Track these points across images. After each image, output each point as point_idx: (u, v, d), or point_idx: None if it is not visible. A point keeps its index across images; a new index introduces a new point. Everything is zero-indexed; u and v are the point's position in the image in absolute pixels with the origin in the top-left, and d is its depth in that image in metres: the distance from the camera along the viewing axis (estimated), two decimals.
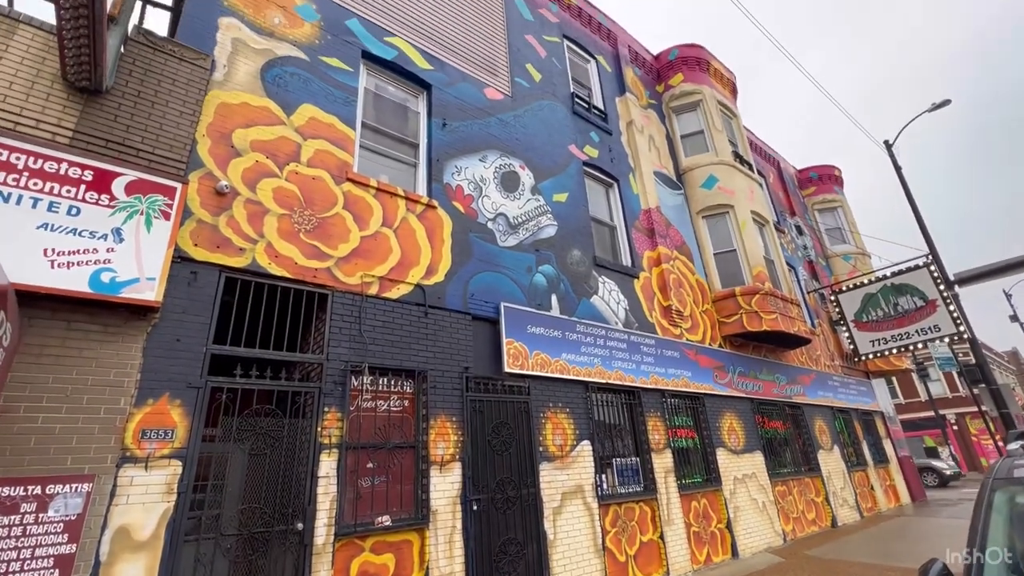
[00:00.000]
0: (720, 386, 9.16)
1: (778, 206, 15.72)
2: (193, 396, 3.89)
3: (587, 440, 6.52)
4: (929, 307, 12.45)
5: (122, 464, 3.48)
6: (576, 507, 6.03)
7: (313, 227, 5.05)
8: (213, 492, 3.82)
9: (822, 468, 10.93)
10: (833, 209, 17.79)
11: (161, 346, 3.87)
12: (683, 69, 12.38)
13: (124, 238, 3.76)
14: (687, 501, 7.53)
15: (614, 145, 9.94)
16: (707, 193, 11.08)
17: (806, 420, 11.27)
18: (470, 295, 6.10)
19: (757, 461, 9.25)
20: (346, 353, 4.84)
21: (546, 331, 6.63)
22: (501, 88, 8.07)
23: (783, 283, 11.13)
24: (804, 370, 11.98)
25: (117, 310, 3.73)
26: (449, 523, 4.91)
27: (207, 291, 4.22)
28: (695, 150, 11.73)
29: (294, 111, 5.38)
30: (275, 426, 4.24)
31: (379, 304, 5.26)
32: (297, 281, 4.77)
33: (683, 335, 8.99)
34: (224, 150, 4.73)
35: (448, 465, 5.12)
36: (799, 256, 15.16)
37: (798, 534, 9.44)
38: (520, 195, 7.41)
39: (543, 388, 6.36)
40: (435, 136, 6.69)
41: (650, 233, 9.52)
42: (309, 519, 4.10)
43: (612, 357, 7.38)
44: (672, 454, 7.62)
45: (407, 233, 5.79)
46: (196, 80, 4.71)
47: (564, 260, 7.54)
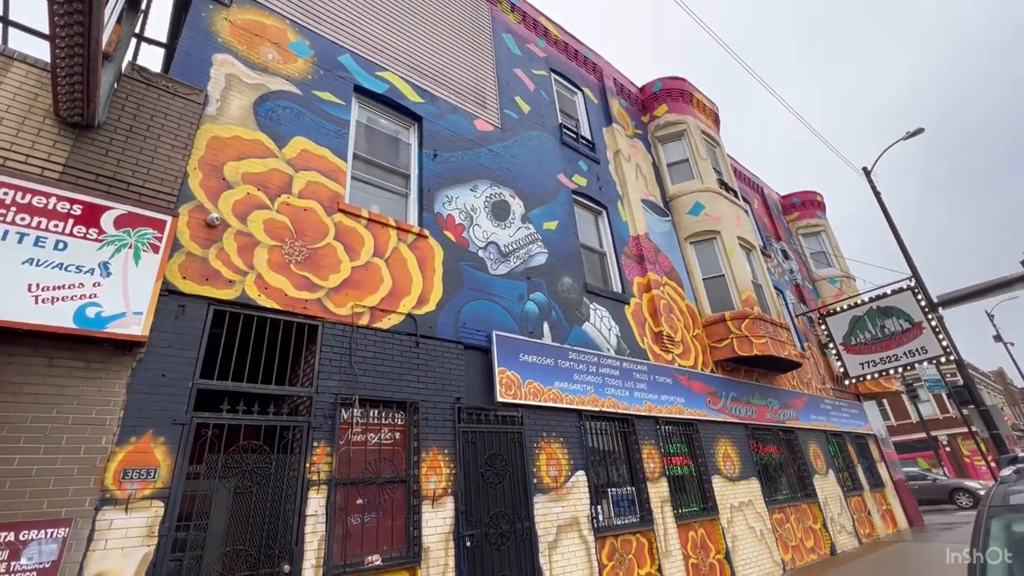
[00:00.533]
0: (714, 412, 9.12)
1: (764, 231, 16.02)
2: (178, 433, 3.78)
3: (582, 470, 6.42)
4: (915, 329, 12.62)
5: (101, 506, 3.35)
6: (572, 540, 5.89)
7: (304, 258, 5.03)
8: (196, 533, 3.68)
9: (818, 494, 10.83)
10: (817, 233, 18.16)
11: (146, 382, 3.78)
12: (667, 100, 12.77)
13: (111, 272, 3.72)
14: (684, 531, 7.39)
15: (602, 173, 10.13)
16: (694, 219, 11.28)
17: (800, 445, 11.22)
18: (462, 324, 6.07)
19: (753, 488, 9.14)
20: (336, 385, 4.76)
21: (538, 359, 6.60)
22: (491, 120, 8.24)
23: (772, 307, 11.24)
24: (796, 394, 11.99)
25: (101, 345, 3.65)
26: (442, 561, 4.76)
27: (195, 324, 4.16)
28: (681, 178, 11.99)
29: (286, 144, 5.43)
30: (262, 463, 4.12)
31: (370, 335, 5.21)
32: (287, 313, 4.73)
33: (675, 361, 8.99)
34: (215, 183, 4.74)
35: (440, 500, 4.99)
36: (786, 280, 15.37)
37: (797, 563, 9.26)
38: (511, 223, 7.48)
39: (536, 418, 6.29)
40: (426, 167, 6.77)
41: (639, 259, 9.62)
42: (296, 560, 3.95)
43: (605, 384, 7.34)
44: (668, 483, 7.51)
45: (398, 263, 5.79)
46: (189, 114, 4.75)
47: (555, 287, 7.57)
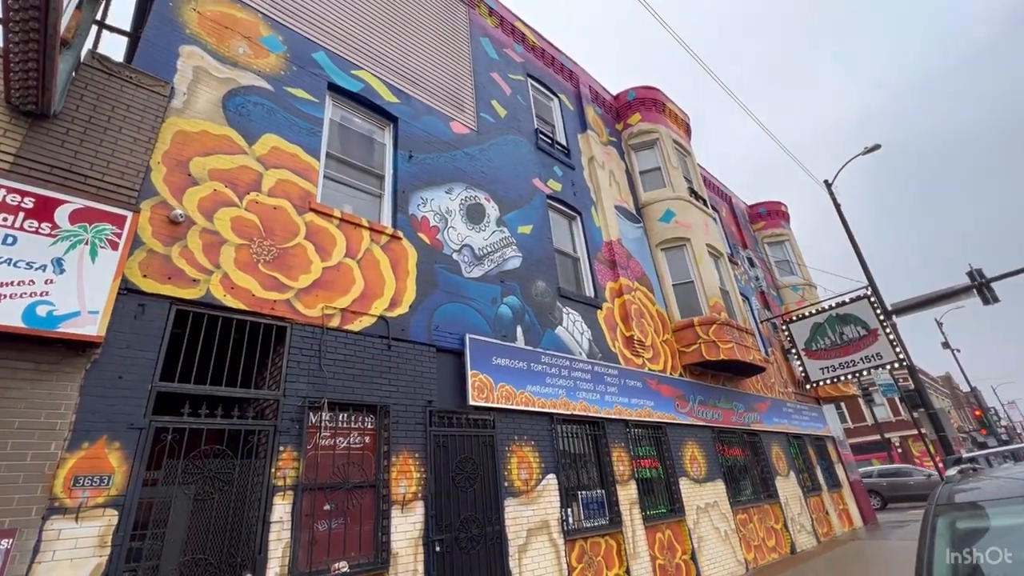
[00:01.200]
0: (681, 415, 9.32)
1: (731, 239, 16.50)
2: (135, 438, 3.63)
3: (553, 473, 6.45)
4: (871, 336, 13.21)
5: (49, 516, 3.18)
6: (542, 543, 5.91)
7: (273, 258, 4.91)
8: (153, 542, 3.53)
9: (780, 494, 11.18)
10: (781, 242, 18.82)
11: (101, 384, 3.62)
12: (640, 109, 13.02)
13: (66, 269, 3.55)
14: (652, 533, 7.51)
15: (576, 179, 10.25)
16: (665, 226, 11.53)
17: (764, 447, 11.57)
18: (435, 327, 6.03)
19: (719, 489, 9.37)
20: (304, 388, 4.66)
21: (511, 363, 6.61)
22: (467, 123, 8.24)
23: (738, 313, 11.57)
24: (760, 398, 12.37)
25: (52, 346, 3.47)
26: (411, 566, 4.70)
27: (155, 324, 4.00)
28: (653, 185, 12.24)
29: (256, 140, 5.30)
30: (225, 468, 3.99)
31: (340, 337, 5.12)
32: (254, 313, 4.60)
33: (645, 365, 9.15)
34: (180, 178, 4.58)
35: (410, 504, 4.93)
36: (752, 287, 15.86)
37: (759, 562, 9.53)
38: (485, 227, 7.49)
39: (508, 421, 6.29)
40: (401, 168, 6.71)
41: (612, 265, 9.76)
42: (260, 568, 3.84)
43: (577, 388, 7.40)
44: (637, 485, 7.62)
45: (371, 264, 5.72)
46: (153, 107, 4.58)
47: (529, 291, 7.60)
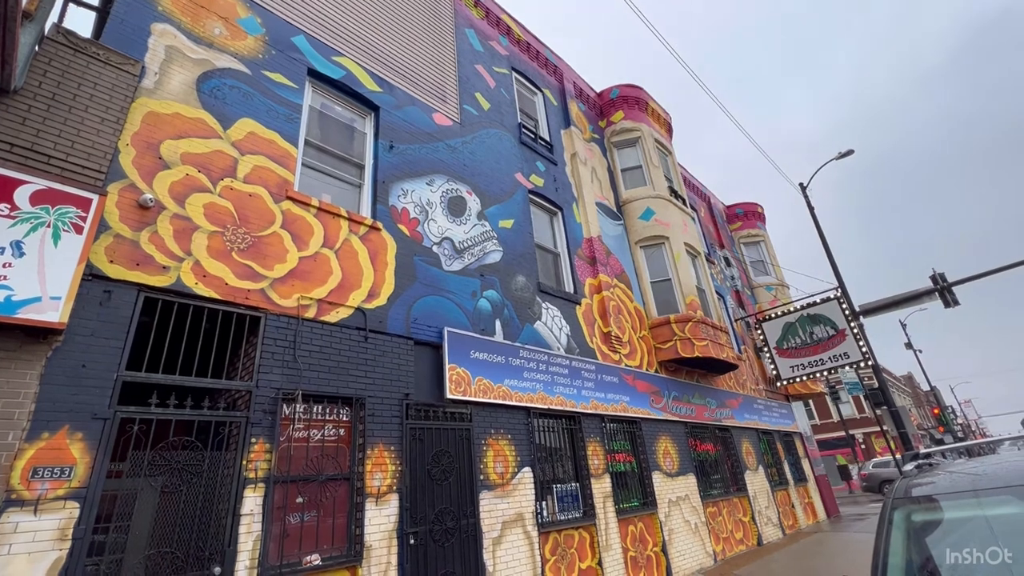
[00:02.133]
0: (656, 410, 9.48)
1: (709, 238, 16.78)
2: (98, 428, 3.51)
3: (528, 467, 6.50)
4: (839, 336, 13.64)
5: (5, 508, 3.06)
6: (516, 536, 5.95)
7: (247, 246, 4.80)
8: (117, 536, 3.43)
9: (749, 488, 11.50)
10: (757, 243, 19.24)
11: (63, 373, 3.49)
12: (624, 107, 13.11)
13: (25, 252, 3.40)
14: (624, 525, 7.64)
15: (559, 175, 10.27)
16: (645, 224, 11.65)
17: (735, 442, 11.86)
18: (413, 319, 5.99)
19: (690, 483, 9.59)
20: (278, 380, 4.58)
21: (489, 356, 6.61)
22: (450, 114, 8.16)
23: (713, 311, 11.80)
24: (732, 394, 12.67)
25: (11, 332, 3.33)
26: (384, 559, 4.69)
27: (122, 312, 3.87)
28: (634, 183, 12.35)
29: (232, 125, 5.15)
30: (194, 460, 3.90)
31: (316, 328, 5.04)
32: (227, 303, 4.49)
33: (622, 361, 9.27)
34: (150, 161, 4.43)
35: (385, 497, 4.91)
36: (727, 286, 16.18)
37: (727, 554, 9.80)
38: (466, 220, 7.45)
39: (485, 415, 6.31)
40: (381, 158, 6.62)
41: (592, 261, 9.83)
42: (228, 562, 3.78)
43: (554, 383, 7.46)
44: (611, 478, 7.74)
45: (349, 255, 5.64)
46: (122, 86, 4.41)
47: (509, 286, 7.61)
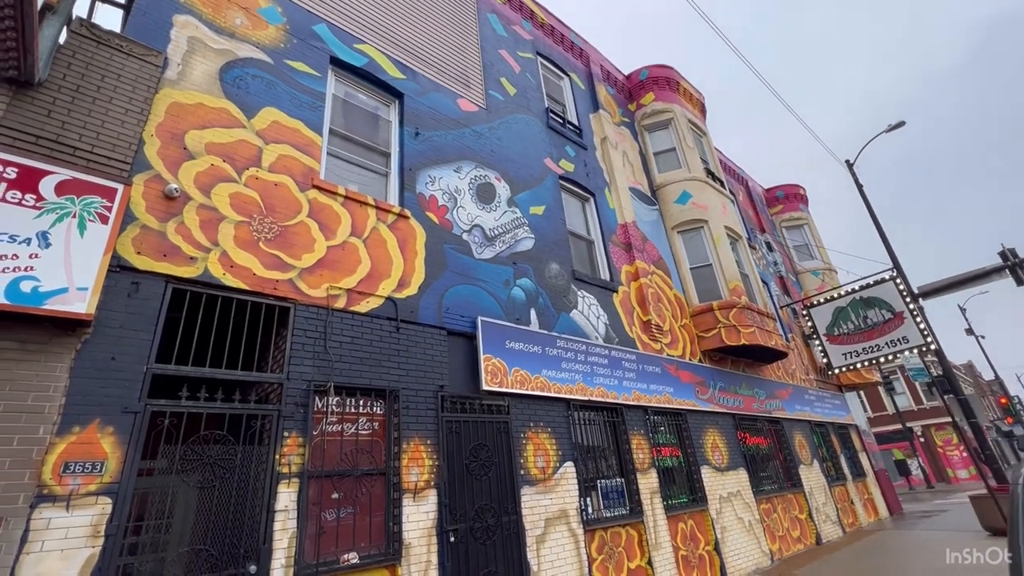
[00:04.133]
0: (702, 402, 8.99)
1: (749, 223, 16.01)
2: (129, 422, 3.42)
3: (570, 461, 6.19)
4: (897, 319, 12.71)
5: (37, 504, 2.98)
6: (560, 534, 5.65)
7: (274, 236, 4.67)
8: (150, 533, 3.32)
9: (804, 484, 10.82)
10: (800, 226, 18.27)
11: (93, 366, 3.41)
12: (654, 88, 12.59)
13: (52, 243, 3.33)
14: (674, 523, 7.22)
15: (589, 160, 9.90)
16: (681, 208, 11.13)
17: (786, 435, 11.19)
18: (445, 309, 5.77)
19: (741, 478, 9.05)
20: (309, 372, 4.42)
21: (525, 347, 6.33)
22: (475, 100, 7.93)
23: (758, 297, 11.17)
24: (781, 384, 11.97)
25: (40, 324, 3.26)
26: (424, 557, 4.47)
27: (150, 304, 3.78)
28: (668, 167, 11.83)
29: (255, 114, 5.05)
30: (226, 454, 3.77)
31: (346, 318, 4.88)
32: (255, 293, 4.37)
33: (663, 350, 8.82)
34: (175, 152, 4.35)
35: (422, 493, 4.70)
36: (770, 272, 15.39)
37: (784, 553, 9.21)
38: (496, 207, 7.19)
39: (523, 407, 6.03)
40: (407, 145, 6.44)
41: (627, 247, 9.42)
42: (264, 560, 3.62)
43: (594, 373, 7.11)
44: (657, 473, 7.33)
45: (377, 243, 5.46)
46: (145, 77, 4.34)
47: (542, 273, 7.31)
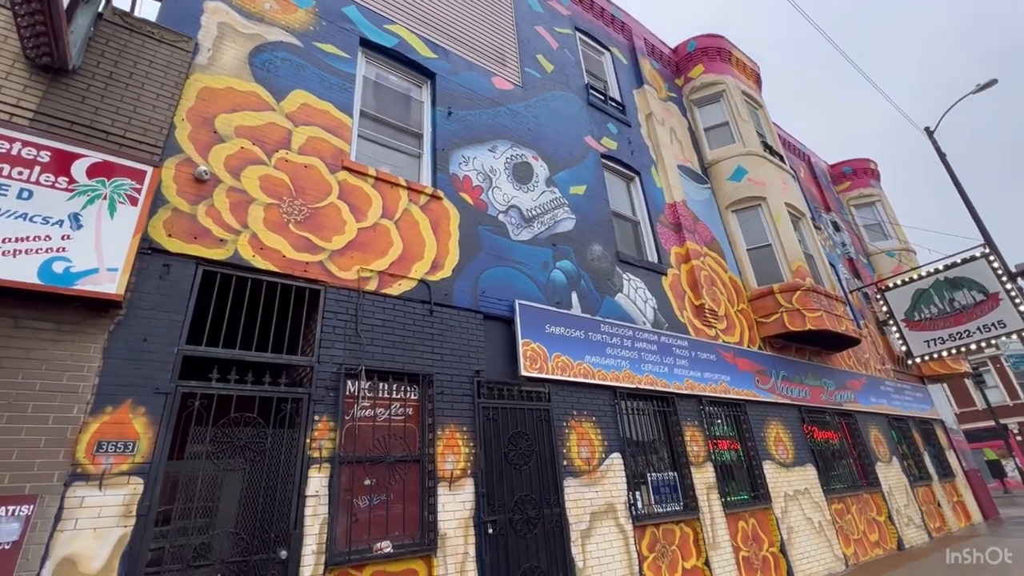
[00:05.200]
0: (763, 392, 8.30)
1: (812, 202, 14.79)
2: (160, 403, 3.40)
3: (617, 452, 5.81)
4: (990, 301, 11.30)
5: (71, 482, 2.99)
6: (607, 529, 5.30)
7: (304, 218, 4.59)
8: (180, 516, 3.29)
9: (882, 483, 9.82)
10: (871, 204, 16.72)
11: (125, 346, 3.41)
12: (703, 60, 11.80)
13: (83, 224, 3.35)
14: (734, 521, 6.67)
15: (633, 137, 9.36)
16: (736, 186, 10.36)
17: (860, 429, 10.21)
18: (481, 292, 5.53)
19: (809, 475, 8.29)
20: (340, 355, 4.31)
21: (567, 331, 6.00)
22: (510, 78, 7.63)
23: (825, 279, 10.22)
24: (853, 374, 10.94)
25: (73, 305, 3.29)
26: (461, 549, 4.26)
27: (181, 286, 3.77)
28: (720, 142, 11.05)
29: (285, 97, 4.99)
30: (256, 437, 3.70)
31: (378, 301, 4.74)
32: (285, 275, 4.30)
33: (719, 336, 8.21)
34: (206, 136, 4.34)
35: (458, 481, 4.49)
36: (838, 254, 14.16)
37: (861, 558, 8.38)
38: (534, 187, 6.87)
39: (565, 394, 5.70)
40: (440, 125, 6.24)
41: (677, 228, 8.84)
42: (295, 546, 3.53)
43: (641, 360, 6.67)
44: (714, 468, 6.79)
45: (410, 225, 5.30)
46: (176, 63, 4.36)
47: (584, 255, 6.93)
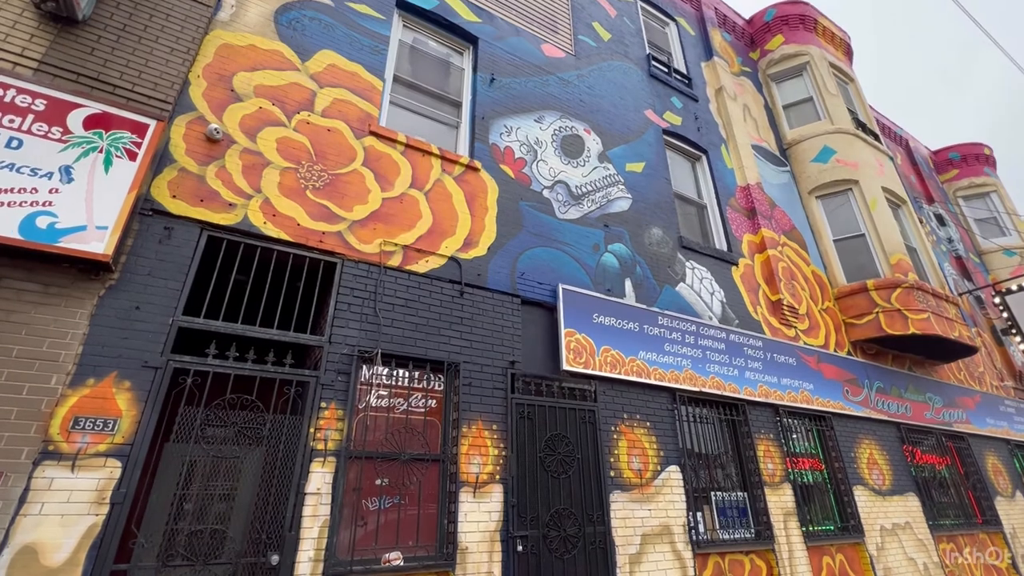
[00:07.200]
0: (854, 404, 7.07)
1: (911, 192, 12.93)
2: (148, 378, 3.04)
3: (675, 465, 4.97)
4: None
5: (41, 461, 2.66)
6: (662, 555, 4.49)
7: (324, 184, 4.16)
8: (159, 507, 2.90)
9: (1004, 522, 8.18)
10: (984, 195, 14.43)
11: (115, 314, 3.08)
12: (783, 30, 10.51)
13: (74, 178, 3.05)
14: (816, 556, 5.61)
15: (701, 113, 8.37)
16: (821, 168, 9.06)
17: (974, 456, 8.59)
18: (519, 274, 4.90)
19: (911, 506, 6.96)
20: (355, 335, 3.83)
21: (618, 322, 5.23)
22: (562, 46, 6.94)
23: (932, 276, 8.70)
24: (966, 390, 9.27)
25: (61, 266, 2.99)
26: (484, 567, 3.65)
27: (182, 251, 3.42)
28: (802, 120, 9.75)
29: (311, 57, 4.61)
30: (253, 422, 3.28)
31: (401, 278, 4.23)
32: (298, 245, 3.88)
33: (799, 338, 7.08)
34: (222, 94, 4.01)
35: (485, 487, 3.88)
36: (943, 251, 12.25)
37: None
38: (585, 162, 6.15)
39: (615, 394, 4.95)
40: (481, 93, 5.67)
41: (750, 214, 7.77)
42: (288, 550, 3.05)
43: (707, 359, 5.76)
44: (793, 490, 5.76)
45: (441, 197, 4.76)
46: (195, 17, 4.07)
47: (641, 239, 6.11)
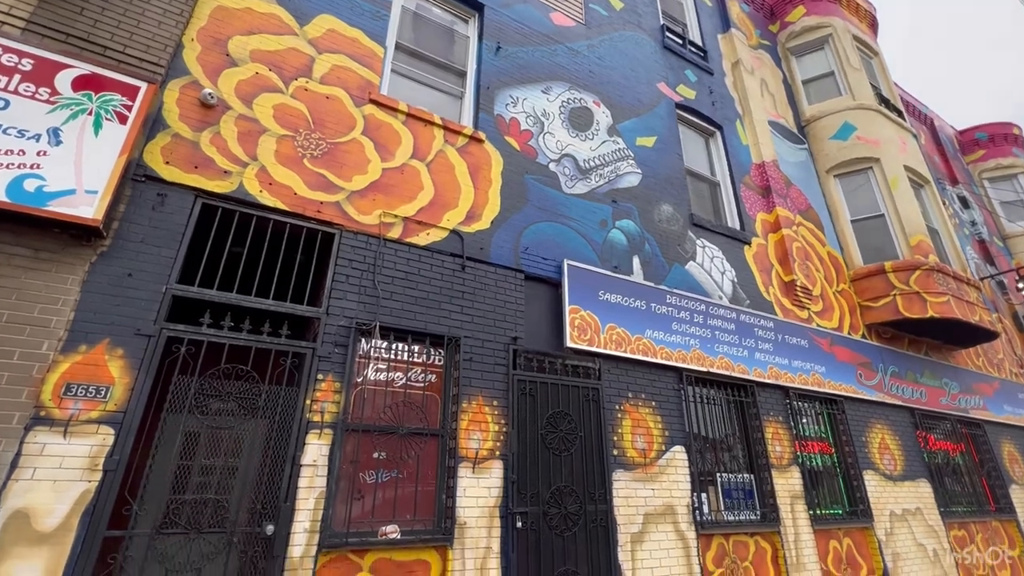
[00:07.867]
0: (866, 388, 6.90)
1: (934, 173, 12.47)
2: (141, 345, 2.99)
3: (680, 445, 4.88)
4: None
5: (32, 426, 2.63)
6: (664, 534, 4.43)
7: (322, 153, 4.05)
8: (153, 475, 2.87)
9: (1017, 510, 8.02)
10: (1012, 176, 13.89)
11: (107, 280, 3.03)
12: (805, 1, 10.07)
13: (63, 141, 2.97)
14: (823, 539, 5.52)
15: (716, 87, 8.08)
16: (841, 145, 8.73)
17: (989, 443, 8.39)
18: (523, 248, 4.78)
19: (923, 492, 6.83)
20: (353, 307, 3.75)
21: (625, 300, 5.10)
22: (572, 14, 6.68)
23: (954, 259, 8.41)
24: (984, 376, 9.03)
25: (52, 231, 2.93)
26: (483, 542, 3.61)
27: (176, 219, 3.34)
28: (822, 95, 9.38)
29: (309, 21, 4.46)
30: (248, 393, 3.23)
31: (401, 251, 4.13)
32: (295, 215, 3.79)
33: (812, 319, 6.89)
34: (217, 58, 3.89)
35: (484, 463, 3.82)
36: (966, 234, 11.85)
37: None
38: (593, 135, 5.96)
39: (620, 372, 4.84)
40: (486, 61, 5.48)
41: (765, 192, 7.53)
42: (284, 520, 3.03)
43: (715, 339, 5.63)
44: (801, 473, 5.65)
45: (444, 168, 4.63)
46: None
47: (650, 215, 5.94)
